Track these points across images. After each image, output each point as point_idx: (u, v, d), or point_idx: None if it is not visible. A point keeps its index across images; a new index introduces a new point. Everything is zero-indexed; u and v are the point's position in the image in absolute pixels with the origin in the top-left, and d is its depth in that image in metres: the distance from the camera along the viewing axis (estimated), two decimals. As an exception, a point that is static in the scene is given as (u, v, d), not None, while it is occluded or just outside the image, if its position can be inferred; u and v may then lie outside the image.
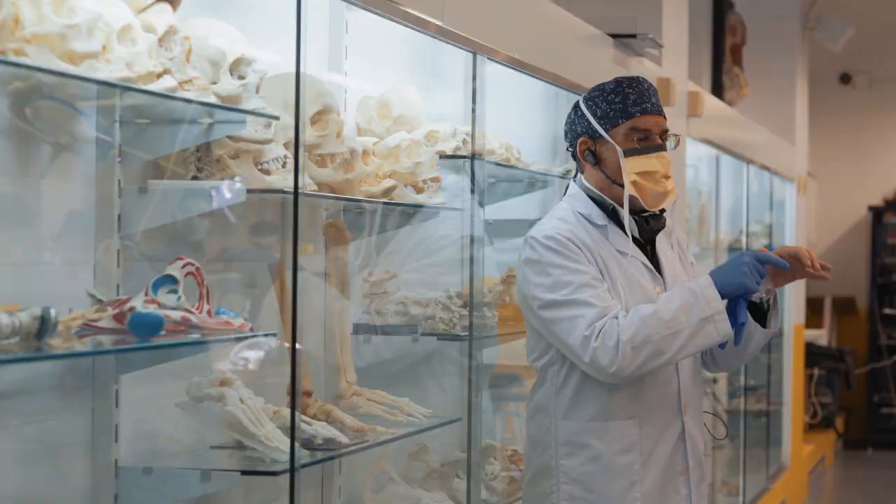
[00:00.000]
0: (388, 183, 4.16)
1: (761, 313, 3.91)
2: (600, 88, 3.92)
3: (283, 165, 3.49)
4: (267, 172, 3.46)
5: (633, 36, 5.89)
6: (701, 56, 10.33)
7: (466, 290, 4.53)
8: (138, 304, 2.93)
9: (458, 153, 4.44)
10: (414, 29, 4.03)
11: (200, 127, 3.25)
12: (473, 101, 4.38)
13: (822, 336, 14.50)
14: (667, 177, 3.86)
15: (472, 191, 4.40)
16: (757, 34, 11.22)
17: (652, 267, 3.94)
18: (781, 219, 11.26)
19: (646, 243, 3.97)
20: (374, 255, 4.62)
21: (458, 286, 4.59)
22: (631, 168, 3.82)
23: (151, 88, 2.94)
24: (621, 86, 3.88)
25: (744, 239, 9.76)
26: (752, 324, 3.88)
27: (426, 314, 4.51)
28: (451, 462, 4.73)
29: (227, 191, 3.29)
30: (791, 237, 11.32)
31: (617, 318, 3.70)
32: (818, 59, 13.37)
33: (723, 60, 10.67)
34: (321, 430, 3.71)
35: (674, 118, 7.08)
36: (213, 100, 3.17)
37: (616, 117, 3.84)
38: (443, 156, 4.43)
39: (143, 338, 2.92)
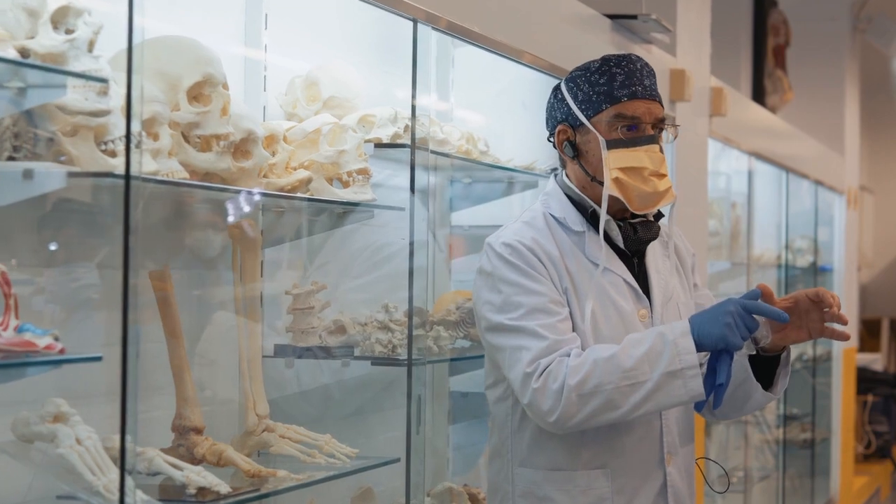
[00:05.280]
0: (302, 174, 3.43)
1: (769, 366, 3.22)
2: (584, 67, 3.27)
3: (137, 145, 2.77)
4: (112, 154, 2.75)
5: (634, 17, 5.12)
6: (740, 57, 9.60)
7: (423, 305, 3.80)
8: None
9: (398, 141, 3.71)
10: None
11: (9, 93, 2.54)
12: (414, 81, 3.63)
13: (877, 360, 13.72)
14: (659, 175, 3.17)
15: (412, 188, 3.65)
16: (802, 35, 10.44)
17: (636, 285, 3.24)
18: (830, 234, 10.45)
19: (632, 255, 3.28)
20: (305, 263, 3.90)
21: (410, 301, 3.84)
22: (614, 162, 3.14)
23: None
24: (608, 64, 3.24)
25: (784, 255, 8.98)
26: (752, 382, 3.20)
27: (364, 334, 3.79)
28: (397, 508, 4.01)
29: (47, 174, 2.58)
30: (840, 254, 10.52)
31: (568, 356, 3.01)
32: (876, 66, 12.58)
33: (764, 63, 9.89)
34: (195, 476, 2.99)
35: (693, 116, 6.32)
36: (13, 55, 2.45)
37: (599, 101, 3.19)
38: (378, 144, 3.69)
39: None
